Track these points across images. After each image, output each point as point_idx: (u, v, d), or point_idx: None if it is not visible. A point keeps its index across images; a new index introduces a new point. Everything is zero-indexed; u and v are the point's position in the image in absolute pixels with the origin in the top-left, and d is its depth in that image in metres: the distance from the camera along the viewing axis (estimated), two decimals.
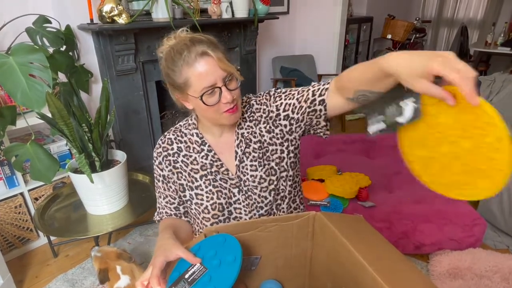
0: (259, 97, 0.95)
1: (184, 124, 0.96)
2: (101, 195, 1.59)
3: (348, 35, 4.00)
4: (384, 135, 2.54)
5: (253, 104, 0.94)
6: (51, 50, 1.58)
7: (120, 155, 1.75)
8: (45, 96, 1.14)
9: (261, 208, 0.96)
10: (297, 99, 0.87)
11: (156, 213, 1.03)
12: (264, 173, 0.92)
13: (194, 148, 0.93)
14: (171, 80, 0.83)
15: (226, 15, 2.37)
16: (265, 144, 0.93)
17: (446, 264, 1.54)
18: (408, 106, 0.55)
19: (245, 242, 0.86)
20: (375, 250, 0.76)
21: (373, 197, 1.80)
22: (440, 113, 0.53)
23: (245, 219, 0.96)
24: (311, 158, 2.29)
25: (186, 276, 0.69)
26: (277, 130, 0.92)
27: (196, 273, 0.70)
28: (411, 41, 4.74)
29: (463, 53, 4.31)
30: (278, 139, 0.93)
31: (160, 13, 1.94)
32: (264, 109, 0.93)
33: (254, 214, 0.96)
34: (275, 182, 0.94)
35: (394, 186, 1.94)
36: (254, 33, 2.72)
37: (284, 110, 0.90)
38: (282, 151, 0.94)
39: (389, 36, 4.23)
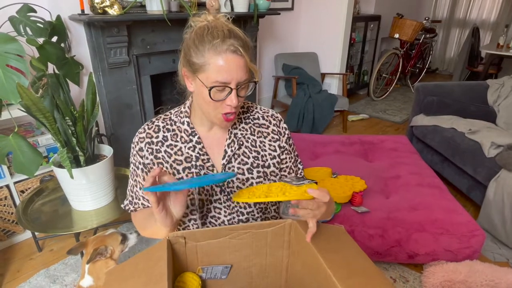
0: (267, 112, 0.95)
1: (176, 111, 0.92)
2: (85, 191, 1.56)
3: (355, 34, 3.91)
4: (384, 137, 2.45)
5: (258, 117, 0.94)
6: (41, 40, 1.54)
7: (107, 150, 1.70)
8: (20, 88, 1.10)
9: (242, 214, 0.93)
10: (287, 166, 0.97)
11: (126, 202, 0.96)
12: (257, 184, 0.90)
13: (182, 137, 0.88)
14: (188, 55, 0.78)
15: (225, 10, 2.31)
16: (265, 159, 0.92)
17: (440, 276, 1.47)
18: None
19: (215, 249, 0.81)
20: (350, 266, 0.70)
21: (367, 202, 1.73)
22: None
23: (223, 220, 0.93)
24: (307, 160, 2.22)
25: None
26: (283, 166, 0.97)
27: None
28: (420, 41, 4.61)
29: (473, 55, 4.17)
30: (278, 167, 0.96)
31: (155, 5, 1.89)
32: (274, 130, 0.94)
33: (233, 218, 0.93)
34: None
35: (390, 191, 1.87)
36: (255, 29, 2.66)
37: (283, 162, 0.97)
38: (277, 180, 0.95)
39: (396, 36, 4.11)
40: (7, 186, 1.68)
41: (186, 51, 0.79)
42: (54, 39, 1.69)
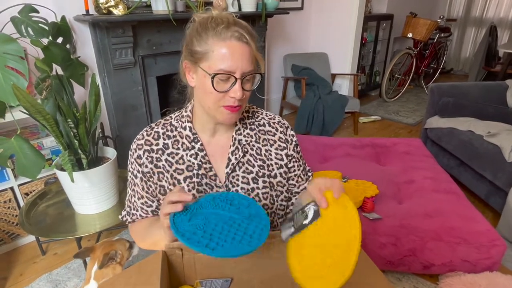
0: (273, 119, 0.90)
1: (176, 116, 0.87)
2: (88, 194, 1.53)
3: (366, 33, 3.81)
4: (397, 139, 2.36)
5: (264, 124, 0.89)
6: (46, 41, 1.52)
7: (111, 153, 1.67)
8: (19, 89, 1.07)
9: None
10: (295, 174, 0.92)
11: (124, 212, 0.92)
12: (263, 194, 0.86)
13: (183, 143, 0.83)
14: (190, 45, 0.75)
15: (232, 9, 2.27)
16: (271, 169, 0.87)
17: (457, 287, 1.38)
18: (310, 210, 0.69)
19: (214, 262, 0.76)
20: (360, 284, 0.64)
21: (380, 208, 1.65)
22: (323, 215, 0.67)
23: None
24: (316, 163, 2.15)
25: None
26: (291, 174, 0.93)
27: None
28: (435, 40, 4.48)
29: (490, 55, 4.02)
30: (285, 177, 0.91)
31: (160, 5, 1.86)
32: (281, 138, 0.88)
33: None
34: (268, 211, 0.88)
35: (404, 197, 1.78)
36: (263, 29, 2.60)
37: (291, 171, 0.92)
38: (285, 191, 0.91)
39: (410, 35, 4.00)
40: (11, 189, 1.66)
41: (188, 41, 0.75)
42: (60, 40, 1.68)
